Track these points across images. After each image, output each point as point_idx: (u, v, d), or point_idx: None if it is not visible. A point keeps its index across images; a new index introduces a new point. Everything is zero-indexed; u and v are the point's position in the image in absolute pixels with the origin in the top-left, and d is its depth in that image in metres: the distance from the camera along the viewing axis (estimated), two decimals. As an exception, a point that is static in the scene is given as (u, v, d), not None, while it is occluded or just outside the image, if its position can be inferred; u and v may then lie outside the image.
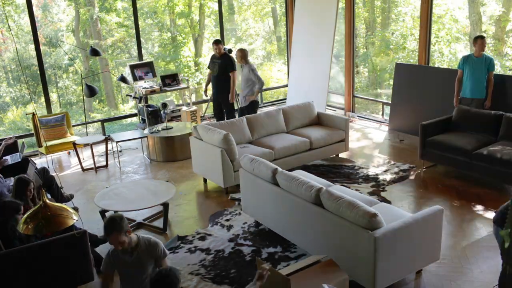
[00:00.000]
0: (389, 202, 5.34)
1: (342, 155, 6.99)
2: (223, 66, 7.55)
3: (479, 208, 5.19)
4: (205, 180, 6.32)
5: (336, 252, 3.85)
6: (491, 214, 5.02)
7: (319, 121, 7.05)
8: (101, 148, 7.89)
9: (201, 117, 8.64)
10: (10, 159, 5.78)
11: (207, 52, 15.89)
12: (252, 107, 7.48)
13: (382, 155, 7.05)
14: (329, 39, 8.73)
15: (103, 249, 4.76)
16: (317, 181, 4.69)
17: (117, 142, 7.28)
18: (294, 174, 4.38)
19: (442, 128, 6.32)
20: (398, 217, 3.91)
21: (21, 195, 4.24)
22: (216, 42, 7.65)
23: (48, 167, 6.64)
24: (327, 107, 9.90)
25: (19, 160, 5.80)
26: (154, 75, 8.60)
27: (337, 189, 4.55)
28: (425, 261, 3.94)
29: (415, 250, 3.78)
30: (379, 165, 6.61)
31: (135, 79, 8.43)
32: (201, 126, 6.13)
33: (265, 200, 4.64)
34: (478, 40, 6.46)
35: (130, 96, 8.86)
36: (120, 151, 7.82)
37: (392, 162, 6.69)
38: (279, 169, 4.51)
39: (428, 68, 7.57)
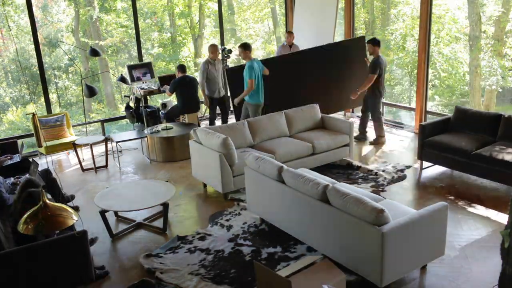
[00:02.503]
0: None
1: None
2: None
3: (478, 208, 5.19)
4: (204, 185, 6.21)
5: (343, 248, 3.88)
6: (490, 214, 5.03)
7: (323, 124, 6.91)
8: (100, 149, 7.89)
9: (199, 117, 8.62)
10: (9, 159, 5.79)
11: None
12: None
13: (382, 155, 7.06)
14: (329, 39, 8.74)
15: (100, 249, 4.77)
16: (322, 179, 4.69)
17: (116, 142, 7.27)
18: (300, 172, 4.40)
19: (441, 129, 6.32)
20: (403, 213, 3.96)
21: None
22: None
23: (48, 167, 6.64)
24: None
25: (18, 160, 5.80)
26: (153, 76, 8.60)
27: (342, 186, 4.56)
28: (431, 256, 3.99)
29: (421, 245, 3.82)
30: (378, 165, 6.61)
31: (132, 79, 8.44)
32: (200, 129, 5.99)
33: (271, 197, 4.65)
34: None
35: (127, 97, 8.86)
36: (120, 151, 7.82)
37: (391, 162, 6.69)
38: (285, 166, 4.52)
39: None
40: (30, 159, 5.73)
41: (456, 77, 12.63)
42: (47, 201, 3.07)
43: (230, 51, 8.78)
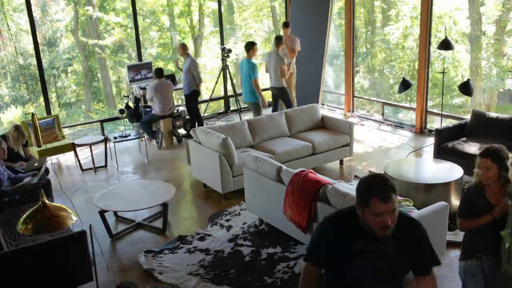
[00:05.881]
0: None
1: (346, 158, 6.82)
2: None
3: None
4: (204, 185, 6.16)
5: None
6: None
7: (323, 124, 6.87)
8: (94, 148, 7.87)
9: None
10: (31, 178, 5.29)
11: (207, 52, 15.89)
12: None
13: (382, 156, 7.04)
14: (323, 38, 8.82)
15: (100, 249, 4.75)
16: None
17: (114, 142, 7.23)
18: (299, 172, 4.38)
19: (458, 133, 6.07)
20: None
21: None
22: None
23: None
24: (327, 106, 9.91)
25: (41, 181, 5.28)
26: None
27: (342, 186, 4.54)
28: None
29: None
30: (378, 166, 6.60)
31: (132, 80, 8.44)
32: (200, 129, 5.98)
33: (270, 198, 4.64)
34: None
35: (127, 96, 8.84)
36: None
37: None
38: (284, 167, 4.50)
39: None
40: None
41: (456, 77, 12.63)
42: (46, 201, 3.06)
43: (230, 51, 8.76)
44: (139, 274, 4.27)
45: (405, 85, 7.10)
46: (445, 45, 6.63)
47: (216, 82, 9.83)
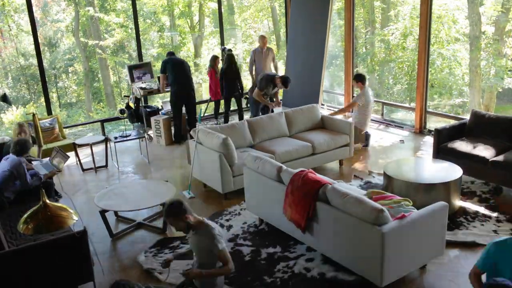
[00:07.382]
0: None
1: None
2: None
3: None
4: (204, 185, 6.16)
5: (343, 248, 3.89)
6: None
7: (323, 124, 6.88)
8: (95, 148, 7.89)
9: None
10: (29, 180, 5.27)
11: (207, 52, 15.92)
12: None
13: (382, 156, 7.06)
14: (323, 38, 8.83)
15: (100, 249, 4.77)
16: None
17: (115, 142, 7.24)
18: (299, 172, 4.39)
19: (457, 133, 6.08)
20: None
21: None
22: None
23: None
24: (327, 106, 9.92)
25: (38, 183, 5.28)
26: (152, 76, 8.61)
27: (342, 186, 4.56)
28: (430, 256, 4.00)
29: (421, 245, 3.83)
30: (377, 167, 6.61)
31: (132, 80, 8.46)
32: (201, 129, 6.00)
33: (270, 198, 4.65)
34: None
35: (127, 97, 8.86)
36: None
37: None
38: (284, 167, 4.52)
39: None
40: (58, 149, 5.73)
41: (454, 78, 12.63)
42: (47, 201, 3.08)
43: (230, 51, 8.78)
44: (139, 273, 4.29)
45: None
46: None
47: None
